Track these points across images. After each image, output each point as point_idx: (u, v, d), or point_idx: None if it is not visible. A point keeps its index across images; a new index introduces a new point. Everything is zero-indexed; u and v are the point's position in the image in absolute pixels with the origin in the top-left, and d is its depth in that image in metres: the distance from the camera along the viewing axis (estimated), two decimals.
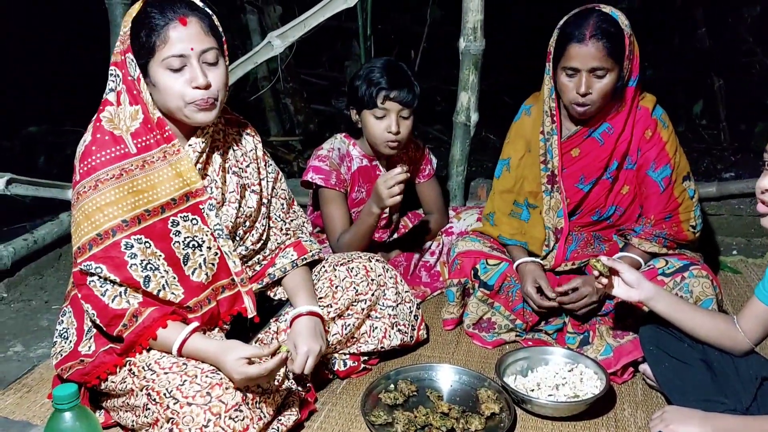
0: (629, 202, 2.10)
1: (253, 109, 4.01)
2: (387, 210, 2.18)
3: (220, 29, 1.60)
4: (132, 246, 1.53)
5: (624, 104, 1.98)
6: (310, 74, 4.56)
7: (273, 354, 1.49)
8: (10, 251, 2.46)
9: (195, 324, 1.57)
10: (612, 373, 1.85)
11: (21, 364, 2.00)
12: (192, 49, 1.51)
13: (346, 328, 1.85)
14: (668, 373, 1.69)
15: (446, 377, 1.85)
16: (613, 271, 1.70)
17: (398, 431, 1.62)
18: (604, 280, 1.71)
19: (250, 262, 1.81)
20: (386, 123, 2.17)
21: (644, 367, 1.83)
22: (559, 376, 1.82)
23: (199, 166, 1.64)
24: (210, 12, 1.58)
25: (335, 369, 1.89)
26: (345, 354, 1.90)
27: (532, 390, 1.78)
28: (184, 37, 1.50)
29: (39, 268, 2.63)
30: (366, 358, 1.94)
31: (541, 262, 2.09)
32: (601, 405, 1.75)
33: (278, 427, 1.56)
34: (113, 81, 1.58)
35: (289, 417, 1.61)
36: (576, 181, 2.09)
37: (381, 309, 1.91)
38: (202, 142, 1.63)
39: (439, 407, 1.71)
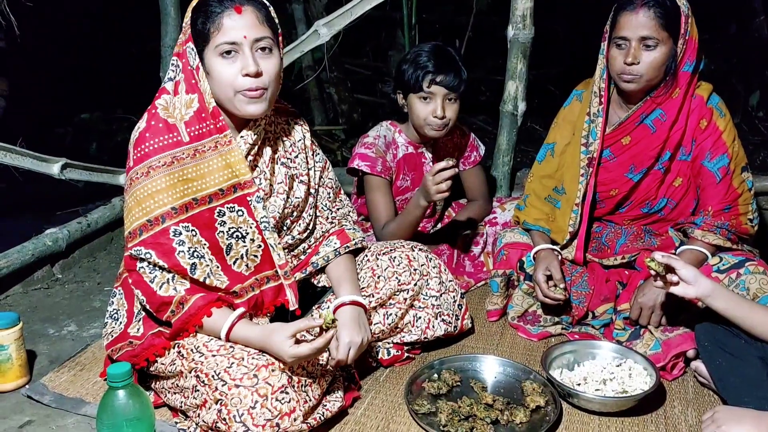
0: (682, 195, 2.03)
1: (297, 98, 4.04)
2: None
3: (276, 21, 1.60)
4: (180, 233, 1.56)
5: (678, 89, 1.91)
6: (354, 64, 4.57)
7: (321, 332, 1.51)
8: (65, 234, 2.53)
9: (241, 310, 1.59)
10: (661, 369, 1.80)
11: (75, 343, 2.06)
12: (245, 37, 1.52)
13: (388, 318, 1.84)
14: (723, 370, 1.64)
15: (490, 368, 1.84)
16: (668, 268, 1.64)
17: (442, 420, 1.61)
18: (660, 282, 1.66)
19: (295, 251, 1.82)
20: (432, 107, 2.15)
21: (696, 364, 1.78)
22: (606, 370, 1.78)
23: (249, 158, 1.65)
24: (267, 3, 1.59)
25: (379, 357, 1.89)
26: (389, 342, 1.90)
27: (579, 384, 1.75)
28: (238, 25, 1.51)
29: (92, 251, 2.70)
30: (409, 347, 1.94)
31: (560, 251, 2.04)
32: (651, 402, 1.71)
33: (323, 412, 1.57)
34: (173, 71, 1.61)
35: (334, 403, 1.62)
36: (626, 170, 2.03)
37: (424, 299, 1.90)
38: (254, 135, 1.64)
39: (483, 398, 1.70)
